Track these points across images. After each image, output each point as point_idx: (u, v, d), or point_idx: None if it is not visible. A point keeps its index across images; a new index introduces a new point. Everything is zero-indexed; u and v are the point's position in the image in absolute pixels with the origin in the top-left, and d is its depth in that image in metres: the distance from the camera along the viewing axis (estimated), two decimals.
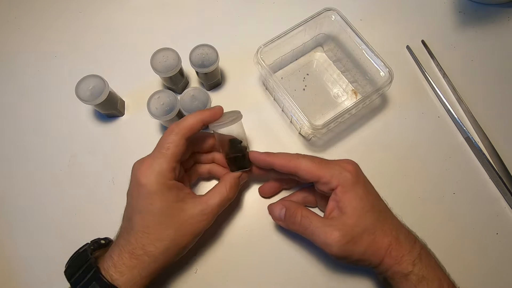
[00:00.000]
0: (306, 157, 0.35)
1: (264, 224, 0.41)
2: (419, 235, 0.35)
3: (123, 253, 0.31)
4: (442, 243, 0.38)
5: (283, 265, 0.40)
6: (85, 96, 0.41)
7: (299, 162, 0.34)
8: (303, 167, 0.34)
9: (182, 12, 0.53)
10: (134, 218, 0.32)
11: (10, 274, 0.40)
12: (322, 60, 0.49)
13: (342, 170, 0.34)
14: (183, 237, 0.33)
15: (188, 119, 0.34)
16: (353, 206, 0.33)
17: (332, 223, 0.33)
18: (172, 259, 0.34)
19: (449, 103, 0.45)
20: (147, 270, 0.32)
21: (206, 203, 0.34)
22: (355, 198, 0.33)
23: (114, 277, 0.31)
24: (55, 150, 0.45)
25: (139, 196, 0.32)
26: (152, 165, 0.33)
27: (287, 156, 0.36)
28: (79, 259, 0.32)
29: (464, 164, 0.44)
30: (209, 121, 0.35)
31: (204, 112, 0.35)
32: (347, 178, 0.33)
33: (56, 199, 0.43)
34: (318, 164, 0.34)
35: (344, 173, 0.34)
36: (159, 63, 0.42)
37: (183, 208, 0.33)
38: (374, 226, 0.32)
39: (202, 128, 0.35)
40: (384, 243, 0.32)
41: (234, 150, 0.37)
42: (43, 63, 0.50)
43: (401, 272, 0.31)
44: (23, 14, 0.53)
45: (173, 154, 0.33)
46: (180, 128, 0.34)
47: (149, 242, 0.32)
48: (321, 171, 0.34)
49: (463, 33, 0.50)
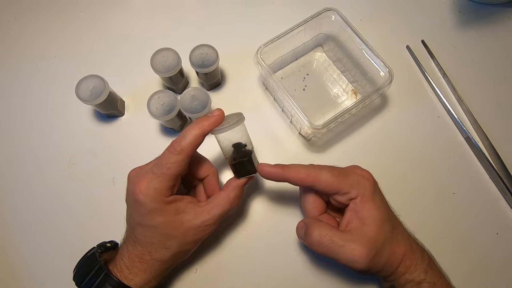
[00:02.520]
0: (323, 169, 0.33)
1: (264, 225, 0.41)
2: (419, 235, 0.35)
3: (132, 257, 0.33)
4: (442, 243, 0.38)
5: (283, 266, 0.40)
6: (85, 96, 0.41)
7: (318, 176, 0.32)
8: (323, 180, 0.32)
9: (182, 12, 0.53)
10: (137, 229, 0.33)
11: (10, 274, 0.40)
12: (322, 60, 0.49)
13: (360, 178, 0.33)
14: (187, 244, 0.34)
15: (189, 135, 0.32)
16: (374, 216, 0.32)
17: (355, 237, 0.31)
18: (180, 260, 0.36)
19: (449, 103, 0.45)
20: (158, 270, 0.33)
21: (209, 214, 0.33)
22: (374, 208, 0.32)
23: (129, 277, 0.32)
24: (55, 150, 0.45)
25: (138, 212, 0.32)
26: (151, 183, 0.31)
27: (304, 169, 0.33)
28: (87, 263, 0.33)
29: (464, 164, 0.44)
30: (209, 130, 0.33)
31: (203, 123, 0.33)
32: (366, 187, 0.32)
33: (57, 199, 0.43)
34: (338, 175, 0.33)
35: (363, 182, 0.33)
36: (159, 63, 0.42)
37: (183, 220, 0.33)
38: (392, 236, 0.32)
39: (203, 140, 0.33)
40: (400, 253, 0.32)
41: (239, 155, 0.35)
42: (43, 63, 0.50)
43: (414, 280, 0.31)
44: (23, 14, 0.53)
45: (173, 174, 0.32)
46: (182, 147, 0.32)
47: (154, 250, 0.33)
48: (340, 182, 0.32)
49: (463, 33, 0.50)
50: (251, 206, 0.42)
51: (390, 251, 0.31)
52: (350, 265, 0.31)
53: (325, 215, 0.35)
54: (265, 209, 0.42)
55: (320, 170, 0.33)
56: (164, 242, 0.32)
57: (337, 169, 0.34)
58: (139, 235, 0.33)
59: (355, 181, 0.32)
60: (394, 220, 0.34)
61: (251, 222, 0.41)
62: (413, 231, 0.35)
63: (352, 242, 0.31)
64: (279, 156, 0.44)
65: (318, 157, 0.44)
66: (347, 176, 0.33)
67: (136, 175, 0.33)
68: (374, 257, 0.30)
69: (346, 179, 0.33)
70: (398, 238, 0.32)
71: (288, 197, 0.42)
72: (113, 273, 0.32)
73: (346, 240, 0.31)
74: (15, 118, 0.47)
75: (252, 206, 0.42)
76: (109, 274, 0.31)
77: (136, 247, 0.33)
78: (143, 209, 0.32)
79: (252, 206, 0.42)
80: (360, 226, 0.32)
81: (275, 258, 0.40)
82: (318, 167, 0.33)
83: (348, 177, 0.33)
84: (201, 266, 0.40)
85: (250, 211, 0.42)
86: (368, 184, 0.33)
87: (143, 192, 0.31)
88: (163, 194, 0.32)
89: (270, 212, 0.42)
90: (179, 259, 0.35)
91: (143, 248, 0.32)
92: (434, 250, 0.34)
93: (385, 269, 0.31)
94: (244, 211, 0.42)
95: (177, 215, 0.33)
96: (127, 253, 0.33)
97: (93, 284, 0.31)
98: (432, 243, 0.35)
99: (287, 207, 0.42)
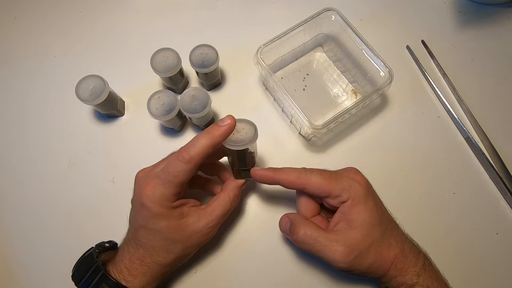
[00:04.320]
0: (314, 172, 0.33)
1: (264, 226, 0.41)
2: (419, 236, 0.35)
3: (133, 259, 0.32)
4: (442, 243, 0.38)
5: (283, 266, 0.40)
6: (85, 96, 0.41)
7: (308, 178, 0.33)
8: (313, 183, 0.33)
9: (182, 12, 0.53)
10: (140, 232, 0.33)
11: (10, 275, 0.40)
12: (322, 60, 0.49)
13: (352, 182, 0.33)
14: (190, 248, 0.34)
15: (198, 145, 0.32)
16: (362, 219, 0.32)
17: (339, 238, 0.31)
18: (180, 264, 0.36)
19: (449, 103, 0.45)
20: (157, 273, 0.33)
21: (211, 216, 0.34)
22: (364, 211, 0.32)
23: (128, 279, 0.32)
24: (55, 150, 0.45)
25: (143, 215, 0.32)
26: (157, 188, 0.32)
27: (294, 172, 0.33)
28: (85, 263, 0.33)
29: (464, 164, 0.44)
30: (220, 141, 0.32)
31: (214, 133, 0.32)
32: (357, 191, 0.32)
33: (56, 199, 0.43)
34: (328, 178, 0.33)
35: (355, 185, 0.32)
36: (159, 63, 0.42)
37: (187, 223, 0.33)
38: (381, 239, 0.32)
39: (213, 151, 0.33)
40: (390, 256, 0.32)
41: (245, 164, 0.35)
42: (43, 63, 0.50)
43: (406, 283, 0.31)
44: (23, 14, 0.53)
45: (180, 182, 0.32)
46: (191, 156, 0.32)
47: (156, 254, 0.33)
48: (331, 185, 0.32)
49: (463, 33, 0.50)
50: (251, 207, 0.42)
51: (377, 254, 0.31)
52: (332, 264, 0.31)
53: (318, 217, 0.35)
54: (265, 210, 0.42)
55: (311, 173, 0.33)
56: (167, 246, 0.33)
57: (328, 173, 0.33)
58: (142, 238, 0.33)
59: (347, 184, 0.32)
60: (387, 224, 0.33)
61: (251, 223, 0.41)
62: (413, 231, 0.35)
63: (335, 243, 0.31)
64: (279, 156, 0.44)
65: (318, 157, 0.44)
66: (339, 180, 0.33)
67: (143, 177, 0.33)
68: (356, 258, 0.31)
69: (337, 182, 0.33)
70: (389, 241, 0.32)
71: (288, 199, 0.42)
72: (112, 274, 0.32)
73: (330, 240, 0.31)
74: (15, 118, 0.47)
75: (252, 207, 0.42)
76: (106, 275, 0.31)
77: (138, 250, 0.33)
78: (148, 213, 0.32)
79: (252, 207, 0.42)
80: (346, 228, 0.32)
81: (275, 259, 0.40)
82: (310, 170, 0.34)
83: (339, 180, 0.33)
84: (201, 267, 0.40)
85: (250, 212, 0.42)
86: (360, 188, 0.32)
87: (149, 196, 0.32)
88: (169, 200, 0.32)
89: (270, 213, 0.42)
90: (179, 262, 0.35)
91: (145, 251, 0.32)
92: (433, 250, 0.34)
93: (372, 271, 0.32)
94: (244, 212, 0.42)
95: (182, 219, 0.33)
96: (128, 254, 0.33)
97: (90, 284, 0.31)
98: (432, 243, 0.35)
99: (287, 208, 0.42)
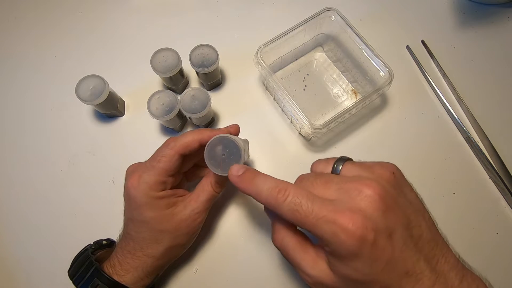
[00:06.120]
0: (291, 199, 0.25)
1: (265, 225, 0.41)
2: None
3: (125, 253, 0.33)
4: None
5: (283, 266, 0.40)
6: (85, 96, 0.41)
7: (279, 206, 0.25)
8: (284, 213, 0.25)
9: (182, 12, 0.53)
10: (129, 225, 0.33)
11: (10, 275, 0.40)
12: (322, 60, 0.49)
13: (337, 230, 0.23)
14: (180, 237, 0.34)
15: (187, 136, 0.33)
16: (343, 273, 0.24)
17: (313, 266, 0.26)
18: (174, 257, 0.35)
19: (449, 103, 0.45)
20: (150, 268, 0.33)
21: (196, 202, 0.34)
22: (349, 269, 0.24)
23: (120, 273, 0.32)
24: (55, 150, 0.45)
25: (130, 206, 0.33)
26: (142, 178, 0.32)
27: (272, 182, 0.26)
28: (81, 259, 0.33)
29: (464, 164, 0.44)
30: (207, 139, 0.32)
31: (206, 132, 0.34)
32: (342, 246, 0.23)
33: (56, 199, 0.43)
34: (303, 214, 0.24)
35: (340, 237, 0.22)
36: (159, 63, 0.42)
37: (174, 212, 0.33)
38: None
39: (199, 147, 0.33)
40: None
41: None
42: (43, 63, 0.50)
43: None
44: (23, 14, 0.53)
45: (163, 168, 0.32)
46: (176, 143, 0.33)
47: (146, 246, 0.32)
48: (306, 226, 0.24)
49: (463, 33, 0.50)
50: (251, 206, 0.42)
51: None
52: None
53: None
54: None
55: (283, 202, 0.25)
56: (156, 236, 0.32)
57: (311, 201, 0.24)
58: (130, 231, 0.33)
59: (329, 232, 0.23)
60: (379, 283, 0.24)
61: (251, 222, 0.41)
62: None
63: (309, 268, 0.26)
64: (279, 156, 0.44)
65: (318, 157, 0.44)
66: (318, 224, 0.23)
67: (131, 169, 0.34)
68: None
69: (316, 226, 0.23)
70: None
71: None
72: (105, 269, 0.32)
73: (303, 260, 0.26)
74: (15, 118, 0.47)
75: (253, 206, 0.42)
76: (98, 270, 0.31)
77: (128, 243, 0.33)
78: (134, 204, 0.32)
79: (253, 207, 0.42)
80: (324, 267, 0.26)
81: (275, 258, 0.40)
82: (289, 192, 0.25)
83: (319, 224, 0.23)
84: (200, 266, 0.40)
85: (251, 211, 0.42)
86: (348, 242, 0.22)
87: (134, 186, 0.32)
88: (153, 189, 0.32)
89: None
90: (172, 255, 0.35)
91: (135, 244, 0.32)
92: None
93: None
94: (245, 211, 0.42)
95: (168, 208, 0.33)
96: (120, 249, 0.33)
97: (83, 279, 0.31)
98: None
99: None
